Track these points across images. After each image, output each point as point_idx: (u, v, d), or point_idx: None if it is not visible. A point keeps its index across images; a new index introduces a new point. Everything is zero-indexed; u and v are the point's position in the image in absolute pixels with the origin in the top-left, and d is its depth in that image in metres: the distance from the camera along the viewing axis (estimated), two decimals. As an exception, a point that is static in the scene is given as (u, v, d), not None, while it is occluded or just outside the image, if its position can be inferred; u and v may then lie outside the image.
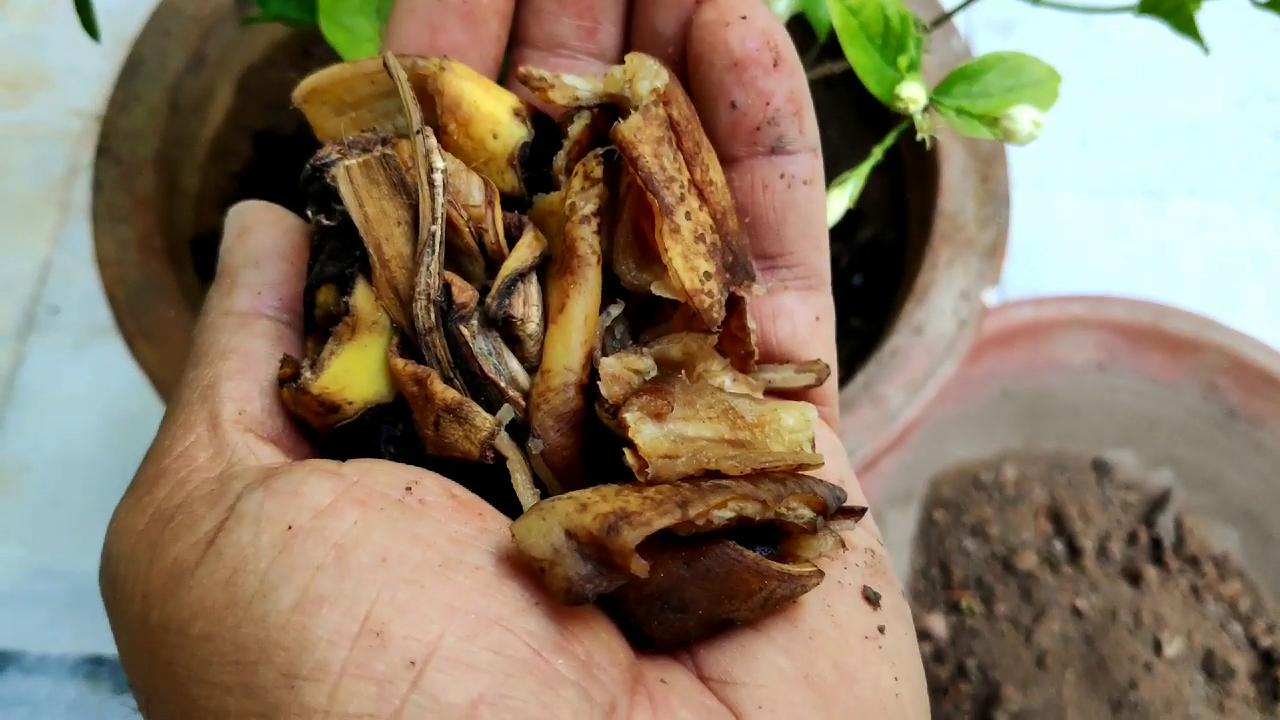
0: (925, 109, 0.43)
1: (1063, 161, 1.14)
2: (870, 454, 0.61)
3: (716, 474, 0.32)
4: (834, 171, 0.79)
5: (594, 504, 0.30)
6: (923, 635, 0.92)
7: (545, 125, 0.38)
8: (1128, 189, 1.14)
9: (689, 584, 0.31)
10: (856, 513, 0.36)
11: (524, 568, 0.30)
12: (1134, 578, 0.93)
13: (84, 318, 1.03)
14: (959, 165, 0.68)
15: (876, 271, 0.73)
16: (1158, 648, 0.90)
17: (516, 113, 0.37)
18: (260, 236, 0.38)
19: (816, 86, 0.79)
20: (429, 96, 0.36)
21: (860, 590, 0.35)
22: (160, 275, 0.67)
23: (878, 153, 0.45)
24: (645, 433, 0.32)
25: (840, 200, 0.44)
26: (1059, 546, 0.95)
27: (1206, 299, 1.04)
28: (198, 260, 0.73)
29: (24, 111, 1.13)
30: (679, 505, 0.30)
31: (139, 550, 0.31)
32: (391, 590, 0.28)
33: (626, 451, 0.32)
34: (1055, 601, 0.92)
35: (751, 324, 0.37)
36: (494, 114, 0.37)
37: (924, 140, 0.43)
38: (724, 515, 0.31)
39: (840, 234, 0.75)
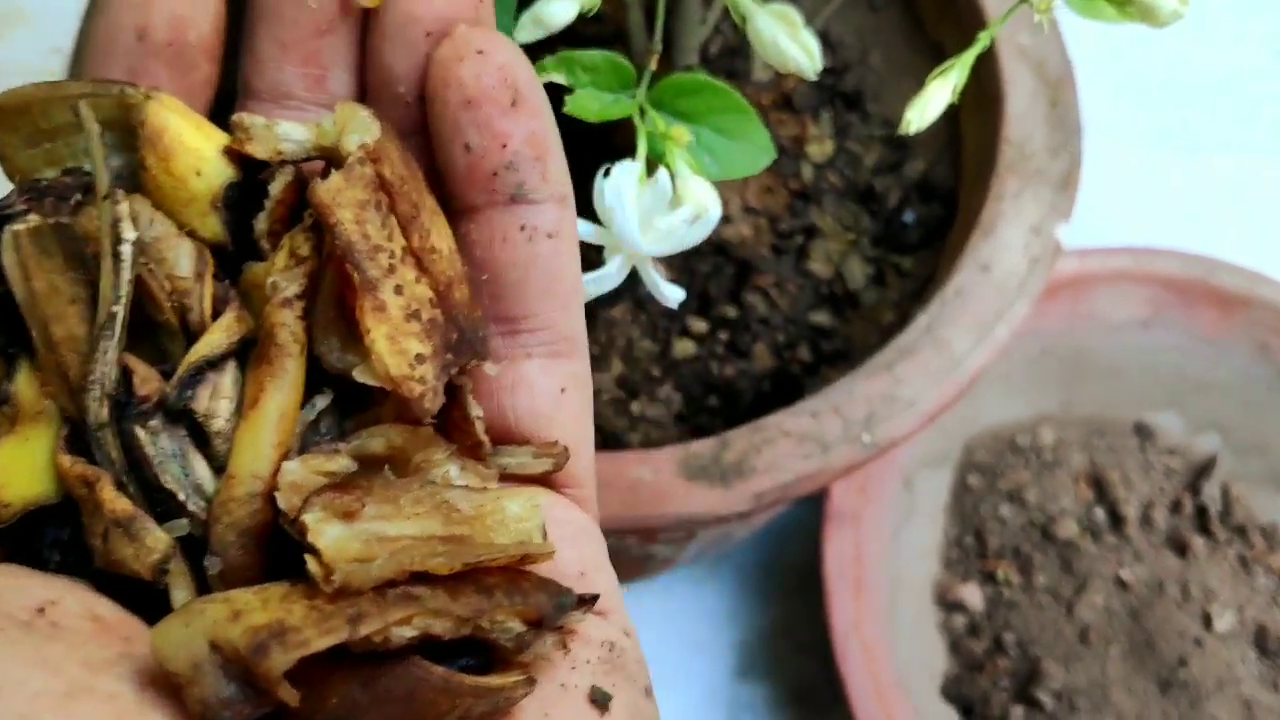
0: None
1: (1094, 113, 1.08)
2: (934, 406, 0.55)
3: (424, 576, 0.27)
4: (881, 98, 0.73)
5: (249, 613, 0.25)
6: (957, 607, 0.86)
7: (258, 169, 0.33)
8: (1161, 141, 1.08)
9: (366, 709, 0.26)
10: (587, 601, 0.31)
11: (173, 690, 0.25)
12: (1180, 548, 0.88)
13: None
14: (1026, 90, 0.62)
15: (927, 209, 0.67)
16: (1207, 622, 0.85)
17: (227, 151, 0.33)
18: None
19: (859, 8, 0.72)
20: (131, 129, 0.32)
21: (588, 693, 0.31)
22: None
23: (985, 38, 0.39)
24: (328, 534, 0.27)
25: (943, 92, 0.38)
26: (1100, 514, 0.90)
27: (1242, 255, 0.99)
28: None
29: (-1, 49, 1.07)
30: (349, 621, 0.25)
31: None
32: None
33: (309, 559, 0.27)
34: (1098, 572, 0.87)
35: (476, 412, 0.33)
36: (199, 150, 0.32)
37: (1040, 24, 0.37)
38: (407, 633, 0.27)
39: (888, 169, 0.69)
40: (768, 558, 0.89)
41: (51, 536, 0.30)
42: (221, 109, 0.35)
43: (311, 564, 0.27)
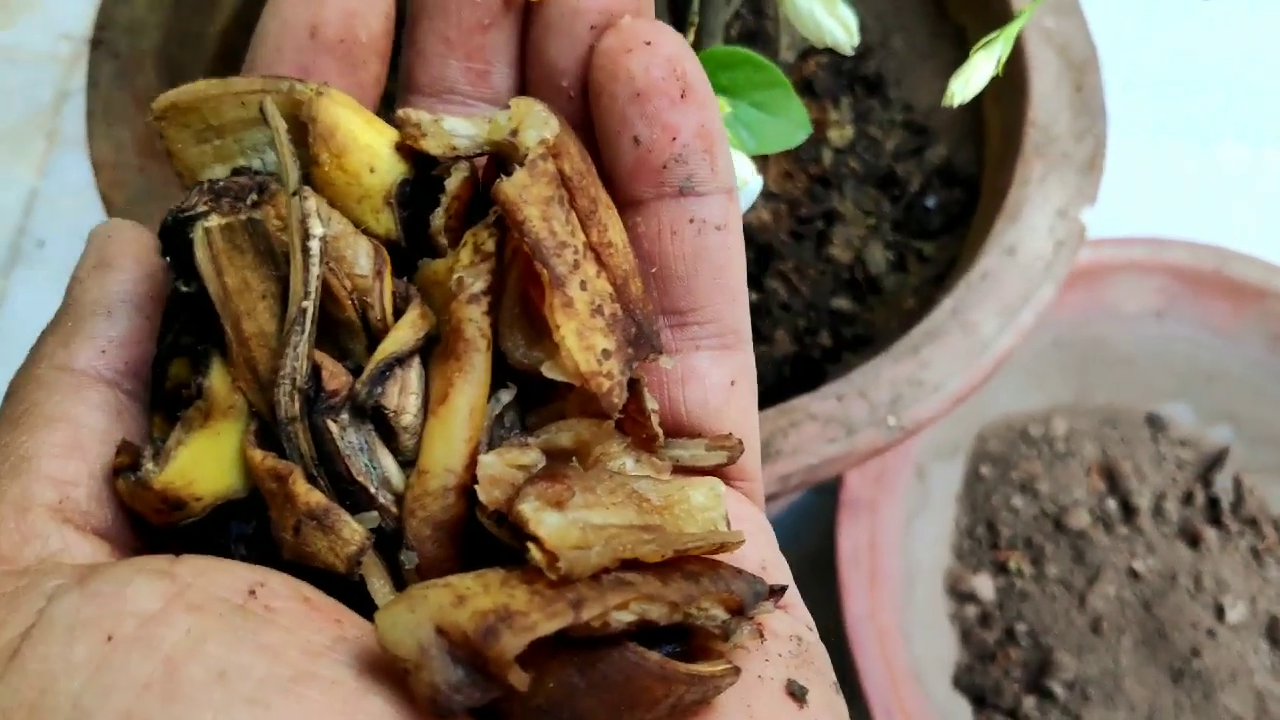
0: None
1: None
2: (961, 388, 0.55)
3: (635, 563, 0.27)
4: (902, 84, 0.73)
5: (473, 597, 0.25)
6: (969, 597, 0.86)
7: (431, 165, 0.33)
8: (1173, 132, 1.08)
9: (583, 694, 0.26)
10: (776, 592, 0.31)
11: (391, 675, 0.25)
12: (1192, 539, 0.87)
13: (71, 251, 0.96)
14: (1051, 73, 0.62)
15: (949, 194, 0.67)
16: (1220, 613, 0.84)
17: (399, 148, 0.32)
18: (119, 276, 0.33)
19: (884, -9, 0.72)
20: (302, 125, 0.31)
21: (784, 685, 0.30)
22: (162, 180, 0.59)
23: (1030, 10, 0.38)
24: (549, 523, 0.27)
25: (987, 65, 0.38)
26: (1112, 505, 0.89)
27: (1255, 247, 0.99)
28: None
29: (9, 34, 1.06)
30: (572, 606, 0.26)
31: None
32: (230, 712, 0.24)
33: (531, 547, 0.27)
34: (1110, 563, 0.86)
35: (652, 405, 0.32)
36: (372, 146, 0.32)
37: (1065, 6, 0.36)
38: (625, 618, 0.27)
39: (909, 155, 0.68)
40: (781, 545, 0.89)
41: (237, 531, 0.31)
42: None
43: (534, 551, 0.26)
